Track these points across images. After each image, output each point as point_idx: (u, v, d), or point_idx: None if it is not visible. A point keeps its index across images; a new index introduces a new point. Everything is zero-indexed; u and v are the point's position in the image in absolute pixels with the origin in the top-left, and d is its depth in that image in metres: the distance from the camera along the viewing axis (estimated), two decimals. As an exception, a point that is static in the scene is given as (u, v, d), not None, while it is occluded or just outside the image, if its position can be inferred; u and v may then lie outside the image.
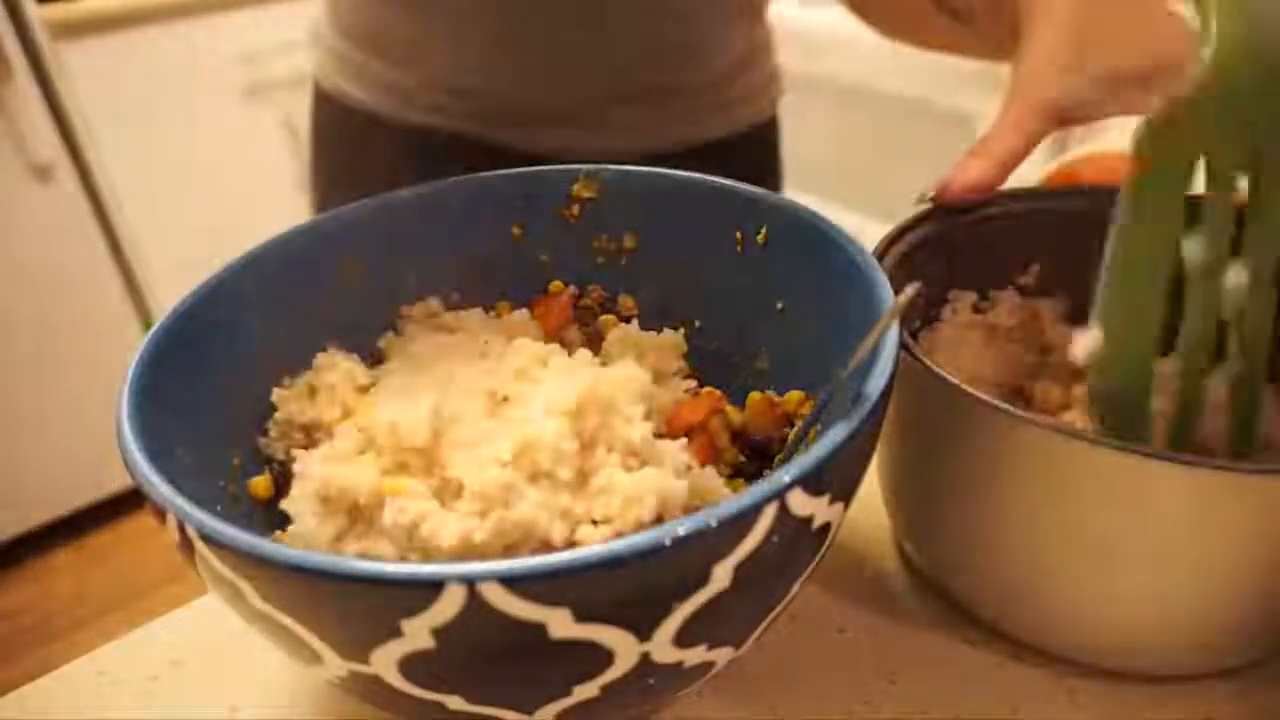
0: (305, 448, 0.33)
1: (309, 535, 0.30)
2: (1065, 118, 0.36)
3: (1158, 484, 0.27)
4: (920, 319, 0.40)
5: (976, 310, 0.41)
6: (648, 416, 0.30)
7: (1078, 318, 0.42)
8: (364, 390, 0.34)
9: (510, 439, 0.28)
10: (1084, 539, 0.29)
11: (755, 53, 0.65)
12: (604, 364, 0.36)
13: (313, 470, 0.30)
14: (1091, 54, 0.35)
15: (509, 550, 0.27)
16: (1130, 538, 0.29)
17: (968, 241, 0.39)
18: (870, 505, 0.40)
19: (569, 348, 0.36)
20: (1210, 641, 0.32)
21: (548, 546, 0.27)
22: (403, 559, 0.28)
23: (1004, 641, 0.35)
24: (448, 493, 0.29)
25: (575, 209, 0.39)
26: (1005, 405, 0.28)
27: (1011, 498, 0.31)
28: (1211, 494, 0.27)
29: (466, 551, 0.27)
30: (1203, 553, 0.28)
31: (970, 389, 0.29)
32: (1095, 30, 0.35)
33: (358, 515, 0.30)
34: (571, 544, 0.27)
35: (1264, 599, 0.29)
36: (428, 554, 0.27)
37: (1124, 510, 0.28)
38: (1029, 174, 0.66)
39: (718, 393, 0.37)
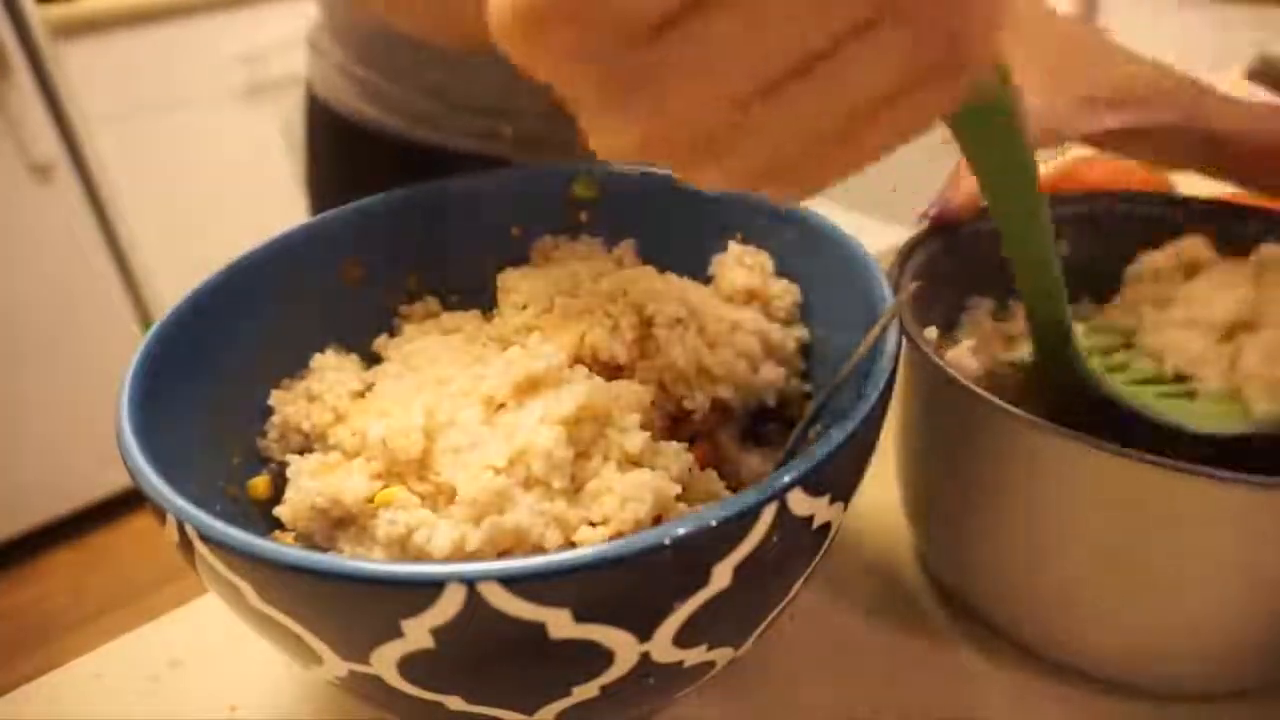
0: (303, 450, 0.33)
1: (304, 539, 0.30)
2: (1045, 136, 0.39)
3: (1181, 496, 0.26)
4: (941, 327, 0.39)
5: (995, 319, 0.41)
6: (645, 426, 0.30)
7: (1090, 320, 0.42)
8: (359, 395, 0.34)
9: (505, 445, 0.28)
10: (1108, 552, 0.29)
11: None
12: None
13: (303, 479, 0.30)
14: (1064, 85, 0.40)
15: (503, 556, 0.27)
16: (1154, 552, 0.28)
17: (985, 249, 0.39)
18: (871, 506, 0.40)
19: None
20: (1236, 660, 0.31)
21: (541, 553, 0.27)
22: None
23: (1006, 644, 0.35)
24: (440, 498, 0.29)
25: (576, 209, 0.39)
26: (1024, 413, 0.28)
27: (1031, 508, 0.30)
28: (1243, 508, 0.26)
29: (459, 559, 0.27)
30: (1234, 569, 0.28)
31: (989, 395, 0.29)
32: (1066, 66, 0.40)
33: (350, 521, 0.30)
34: (567, 548, 0.27)
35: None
36: (421, 561, 0.27)
37: (1146, 522, 0.28)
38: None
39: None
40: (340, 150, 0.66)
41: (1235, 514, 0.27)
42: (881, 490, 0.39)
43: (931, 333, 0.33)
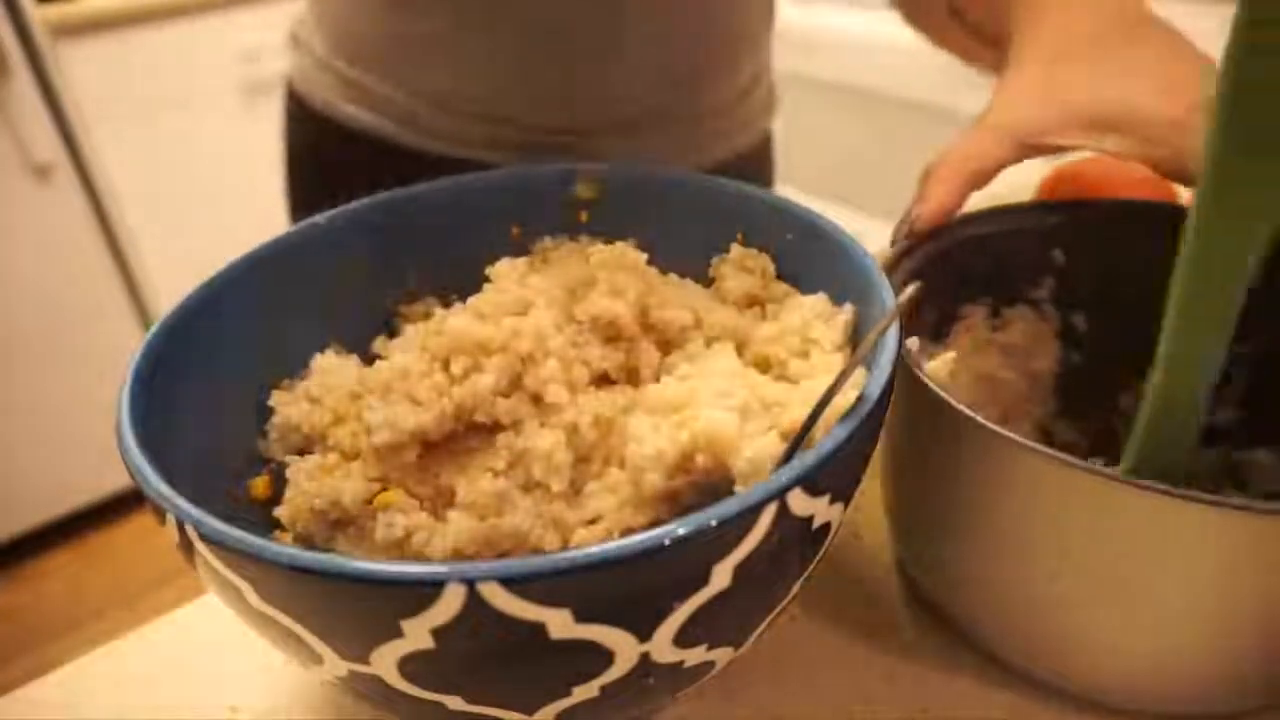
0: (303, 451, 0.33)
1: (303, 539, 0.30)
2: (1029, 146, 0.36)
3: (1176, 522, 0.26)
4: (931, 335, 0.39)
5: (991, 328, 0.41)
6: None
7: (1087, 330, 0.41)
8: (358, 397, 0.34)
9: (505, 448, 0.28)
10: (1100, 576, 0.29)
11: (758, 76, 0.64)
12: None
13: (302, 481, 0.30)
14: (1066, 90, 0.35)
15: (502, 558, 0.27)
16: (1148, 577, 0.28)
17: (979, 256, 0.39)
18: (872, 507, 0.40)
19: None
20: (1230, 685, 0.31)
21: (540, 554, 0.27)
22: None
23: (998, 661, 0.35)
24: (440, 500, 0.29)
25: (576, 209, 0.39)
26: (1009, 433, 0.27)
27: (1019, 529, 0.30)
28: (1239, 535, 0.26)
29: (458, 560, 0.27)
30: (1229, 595, 0.27)
31: (970, 411, 0.28)
32: (1073, 70, 0.36)
33: (349, 522, 0.30)
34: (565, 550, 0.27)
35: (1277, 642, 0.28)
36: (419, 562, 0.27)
37: (1140, 547, 0.27)
38: (1028, 175, 0.66)
39: None
40: (317, 151, 0.63)
41: (1231, 540, 0.26)
42: (882, 490, 0.39)
43: (914, 343, 0.32)
